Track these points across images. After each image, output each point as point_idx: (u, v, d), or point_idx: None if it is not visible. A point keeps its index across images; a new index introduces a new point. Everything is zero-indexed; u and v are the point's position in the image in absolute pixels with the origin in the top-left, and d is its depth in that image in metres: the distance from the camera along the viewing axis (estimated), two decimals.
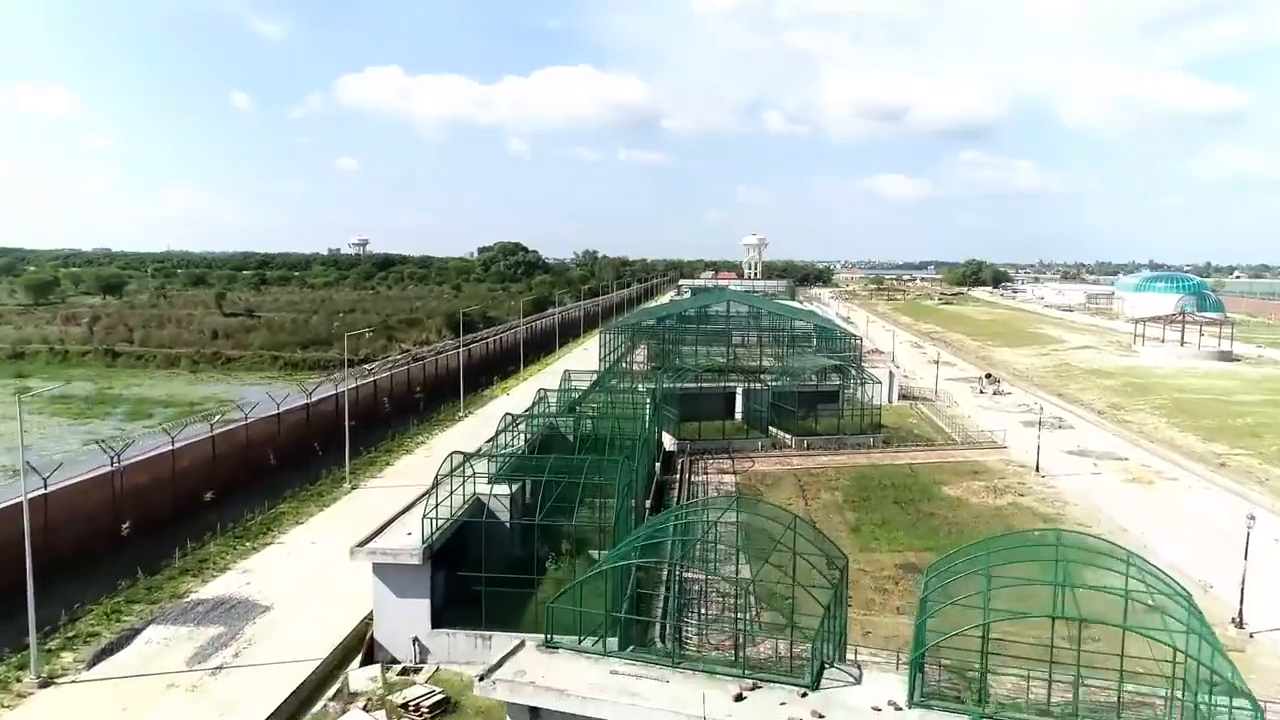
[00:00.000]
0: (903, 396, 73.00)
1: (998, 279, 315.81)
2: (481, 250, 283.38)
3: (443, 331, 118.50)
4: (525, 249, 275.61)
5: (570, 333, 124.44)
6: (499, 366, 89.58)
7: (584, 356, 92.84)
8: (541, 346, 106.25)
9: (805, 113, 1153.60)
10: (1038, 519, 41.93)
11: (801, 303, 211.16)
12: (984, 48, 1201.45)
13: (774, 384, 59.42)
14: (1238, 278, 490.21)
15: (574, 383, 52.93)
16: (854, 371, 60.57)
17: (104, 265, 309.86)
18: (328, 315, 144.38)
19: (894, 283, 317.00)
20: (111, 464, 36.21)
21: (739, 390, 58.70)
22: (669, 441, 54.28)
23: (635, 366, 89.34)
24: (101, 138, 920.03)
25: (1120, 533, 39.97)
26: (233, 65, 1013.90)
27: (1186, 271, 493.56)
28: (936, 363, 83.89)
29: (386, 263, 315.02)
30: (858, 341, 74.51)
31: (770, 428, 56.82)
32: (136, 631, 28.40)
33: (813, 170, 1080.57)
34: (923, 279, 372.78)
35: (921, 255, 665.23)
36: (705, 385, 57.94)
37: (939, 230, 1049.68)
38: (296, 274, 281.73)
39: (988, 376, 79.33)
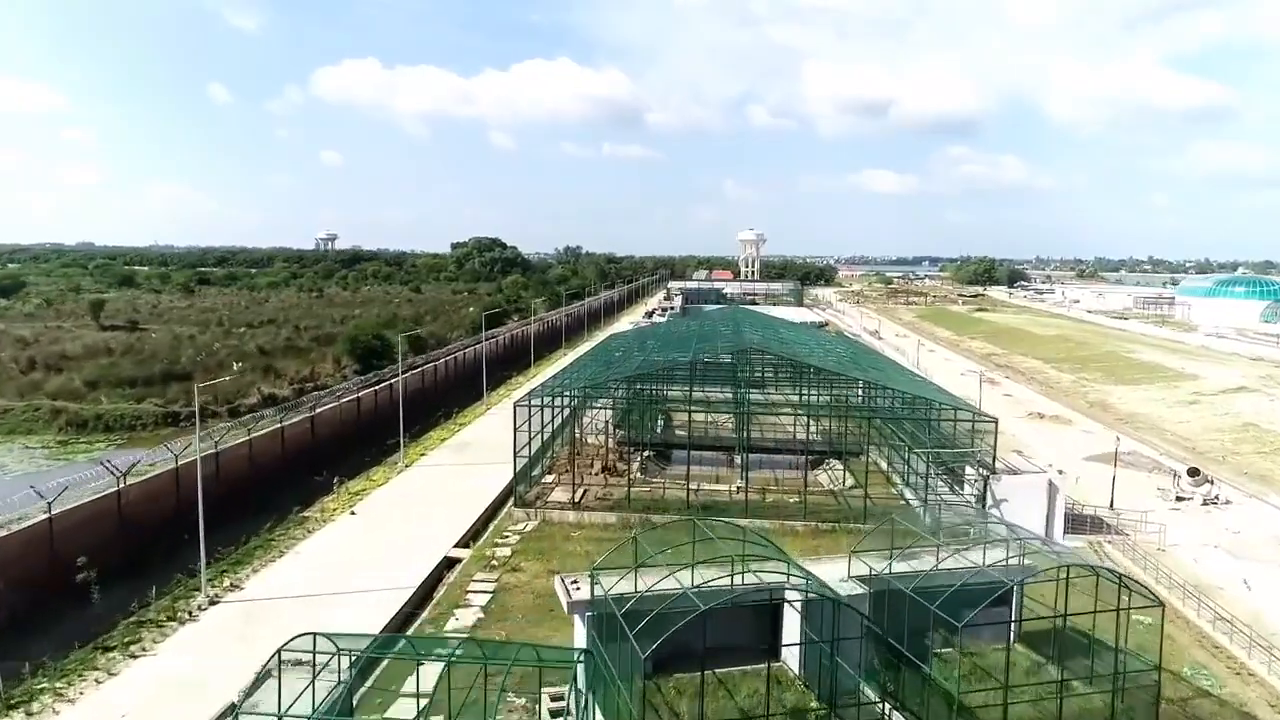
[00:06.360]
0: (1071, 521, 37.81)
1: (1013, 278, 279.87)
2: (455, 246, 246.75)
3: (342, 361, 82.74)
4: (502, 245, 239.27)
5: (520, 361, 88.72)
6: (376, 436, 53.47)
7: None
8: (465, 389, 70.36)
9: (790, 107, 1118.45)
10: None
11: (810, 307, 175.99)
12: (967, 43, 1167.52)
13: (873, 576, 23.99)
14: (1243, 275, 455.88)
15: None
16: (1042, 546, 24.77)
17: (47, 262, 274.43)
18: (224, 332, 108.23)
19: (903, 283, 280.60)
20: None
21: (792, 601, 23.29)
22: None
23: (592, 436, 54.04)
24: (85, 132, 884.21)
25: None
26: (210, 59, 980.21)
27: (1189, 267, 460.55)
28: (1118, 448, 48.33)
29: (355, 259, 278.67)
30: (989, 429, 37.73)
31: (871, 692, 21.65)
32: None
33: (800, 166, 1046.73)
34: (929, 278, 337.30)
35: (914, 251, 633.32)
36: (720, 596, 22.21)
37: (930, 226, 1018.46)
38: (253, 272, 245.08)
39: (1192, 473, 43.92)
